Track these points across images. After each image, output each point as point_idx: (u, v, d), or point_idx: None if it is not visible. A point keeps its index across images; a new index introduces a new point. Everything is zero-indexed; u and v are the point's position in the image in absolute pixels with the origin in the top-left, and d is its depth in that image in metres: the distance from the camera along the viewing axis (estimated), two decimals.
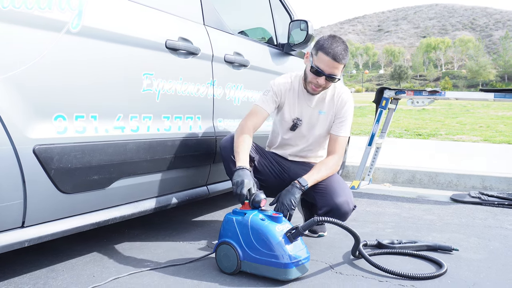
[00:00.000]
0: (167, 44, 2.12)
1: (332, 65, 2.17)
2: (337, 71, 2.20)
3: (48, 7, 1.59)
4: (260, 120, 2.29)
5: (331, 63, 2.16)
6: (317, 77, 2.21)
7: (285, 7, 3.42)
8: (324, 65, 2.17)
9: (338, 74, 2.21)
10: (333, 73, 2.19)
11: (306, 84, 2.30)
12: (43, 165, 1.60)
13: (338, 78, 2.23)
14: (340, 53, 2.16)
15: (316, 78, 2.21)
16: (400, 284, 1.81)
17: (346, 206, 2.15)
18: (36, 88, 1.59)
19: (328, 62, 2.16)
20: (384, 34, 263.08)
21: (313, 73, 2.22)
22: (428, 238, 2.51)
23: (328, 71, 2.18)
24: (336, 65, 2.17)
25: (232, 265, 1.86)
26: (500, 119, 13.75)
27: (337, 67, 2.18)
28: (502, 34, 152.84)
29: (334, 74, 2.19)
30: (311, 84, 2.25)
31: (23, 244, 1.60)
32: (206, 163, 2.50)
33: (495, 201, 3.50)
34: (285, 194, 2.12)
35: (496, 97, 3.77)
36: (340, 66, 2.19)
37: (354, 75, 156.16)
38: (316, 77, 2.21)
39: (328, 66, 2.17)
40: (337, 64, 2.17)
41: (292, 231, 1.81)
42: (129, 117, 1.98)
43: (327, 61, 2.16)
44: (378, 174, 4.58)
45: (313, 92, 2.29)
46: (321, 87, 2.24)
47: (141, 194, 2.13)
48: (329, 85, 2.26)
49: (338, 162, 2.32)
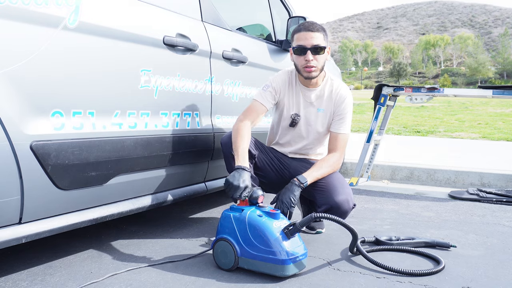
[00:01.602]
0: (165, 40, 2.11)
1: (310, 36, 2.19)
2: (317, 40, 2.20)
3: (44, 3, 1.58)
4: (259, 116, 2.28)
5: (308, 34, 2.19)
6: (303, 56, 2.21)
7: (284, 3, 3.41)
8: (303, 39, 2.20)
9: (322, 44, 2.21)
10: (315, 43, 2.20)
11: (301, 73, 2.26)
12: (40, 161, 1.60)
13: (324, 48, 2.22)
14: (312, 24, 2.22)
15: (303, 58, 2.21)
16: (397, 281, 1.81)
17: (346, 205, 2.15)
18: (33, 84, 1.58)
19: (306, 35, 2.20)
20: (383, 31, 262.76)
21: (298, 54, 2.23)
22: (426, 235, 2.51)
23: (309, 43, 2.19)
24: (312, 35, 2.19)
25: (230, 261, 1.86)
26: (498, 116, 13.77)
27: (315, 36, 2.20)
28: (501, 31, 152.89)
29: (317, 44, 2.20)
30: (303, 68, 2.23)
31: (21, 240, 1.60)
32: (204, 159, 2.50)
33: (493, 198, 3.50)
34: (284, 192, 2.11)
35: (494, 94, 3.78)
36: (318, 35, 2.20)
37: (353, 72, 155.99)
38: (302, 56, 2.21)
39: (306, 39, 2.20)
40: (313, 33, 2.19)
41: (289, 228, 1.81)
42: (127, 114, 1.97)
43: (303, 34, 2.20)
44: (377, 171, 4.59)
45: (309, 76, 2.24)
46: (314, 64, 2.22)
47: (139, 191, 2.13)
48: (321, 60, 2.24)
49: (340, 160, 2.31)
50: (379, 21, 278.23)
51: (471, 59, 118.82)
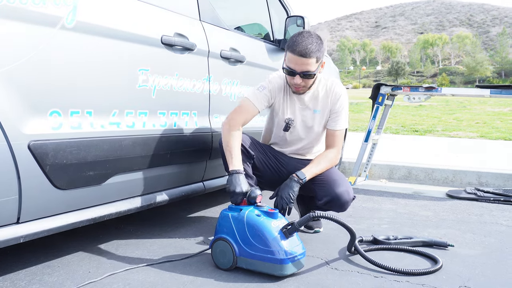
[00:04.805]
0: (163, 40, 2.11)
1: (301, 62, 2.11)
2: (309, 66, 2.12)
3: (42, 2, 1.58)
4: (250, 117, 2.24)
5: (300, 60, 2.10)
6: (292, 77, 2.17)
7: (282, 3, 3.41)
8: (294, 63, 2.12)
9: (312, 70, 2.13)
10: (305, 70, 2.12)
11: (291, 88, 2.26)
12: (38, 161, 1.60)
13: (314, 74, 2.16)
14: (306, 48, 2.08)
15: (291, 79, 2.18)
16: (395, 280, 1.82)
17: (346, 195, 2.16)
18: (31, 84, 1.58)
19: (297, 60, 2.11)
20: (382, 30, 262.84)
21: (287, 74, 2.18)
22: (424, 234, 2.52)
23: (299, 68, 2.12)
24: (305, 61, 2.10)
25: (228, 261, 1.86)
26: (496, 115, 13.78)
27: (307, 62, 2.11)
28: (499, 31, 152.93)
29: (307, 70, 2.13)
30: (292, 86, 2.23)
31: (19, 240, 1.60)
32: (202, 159, 2.50)
33: (490, 197, 3.51)
34: (283, 188, 2.12)
35: (492, 93, 3.78)
36: (310, 61, 2.11)
37: (351, 71, 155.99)
38: (291, 77, 2.18)
39: (297, 64, 2.12)
40: (306, 59, 2.10)
41: (288, 227, 1.81)
42: (125, 113, 1.97)
43: (295, 59, 2.11)
44: (375, 170, 4.59)
45: (297, 92, 2.25)
46: (302, 85, 2.19)
47: (137, 190, 2.13)
48: (310, 82, 2.20)
49: (337, 155, 2.31)
50: (378, 20, 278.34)
51: (469, 58, 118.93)
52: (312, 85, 2.26)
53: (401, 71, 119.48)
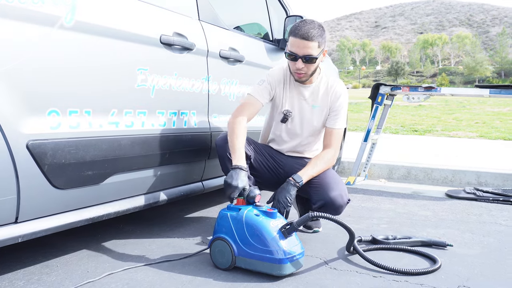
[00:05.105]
0: (162, 39, 2.11)
1: (304, 45, 2.12)
2: (311, 50, 2.13)
3: (41, 1, 1.57)
4: (254, 111, 2.26)
5: (302, 43, 2.12)
6: (294, 62, 2.18)
7: (281, 2, 3.41)
8: (296, 47, 2.14)
9: (314, 54, 2.15)
10: (307, 53, 2.14)
11: (292, 75, 2.28)
12: (36, 160, 1.60)
13: (316, 58, 2.17)
14: (308, 32, 2.11)
15: (294, 64, 2.19)
16: (394, 280, 1.82)
17: (340, 200, 2.15)
18: (29, 83, 1.58)
19: (299, 43, 2.12)
20: (381, 30, 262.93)
21: (289, 59, 2.20)
22: (423, 234, 2.52)
23: (301, 52, 2.14)
24: (307, 44, 2.12)
25: (227, 260, 1.86)
26: (496, 115, 13.79)
27: (309, 46, 2.12)
28: (499, 31, 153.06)
29: (309, 54, 2.14)
30: (293, 72, 2.23)
31: (17, 239, 1.60)
32: (201, 158, 2.50)
33: (490, 197, 3.51)
34: (280, 191, 2.11)
35: (491, 93, 3.79)
36: (312, 44, 2.13)
37: (351, 71, 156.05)
38: (293, 62, 2.19)
39: (299, 47, 2.13)
40: (308, 42, 2.11)
41: (286, 227, 1.81)
42: (124, 113, 1.97)
43: (297, 42, 2.13)
44: (374, 170, 4.59)
45: (299, 80, 2.26)
46: (304, 71, 2.20)
47: (136, 190, 2.12)
48: (311, 68, 2.20)
49: (334, 156, 2.31)
50: (377, 20, 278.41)
51: (469, 58, 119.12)
52: (314, 73, 2.26)
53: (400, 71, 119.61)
